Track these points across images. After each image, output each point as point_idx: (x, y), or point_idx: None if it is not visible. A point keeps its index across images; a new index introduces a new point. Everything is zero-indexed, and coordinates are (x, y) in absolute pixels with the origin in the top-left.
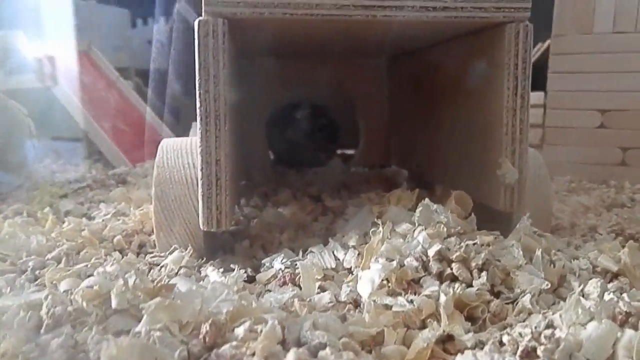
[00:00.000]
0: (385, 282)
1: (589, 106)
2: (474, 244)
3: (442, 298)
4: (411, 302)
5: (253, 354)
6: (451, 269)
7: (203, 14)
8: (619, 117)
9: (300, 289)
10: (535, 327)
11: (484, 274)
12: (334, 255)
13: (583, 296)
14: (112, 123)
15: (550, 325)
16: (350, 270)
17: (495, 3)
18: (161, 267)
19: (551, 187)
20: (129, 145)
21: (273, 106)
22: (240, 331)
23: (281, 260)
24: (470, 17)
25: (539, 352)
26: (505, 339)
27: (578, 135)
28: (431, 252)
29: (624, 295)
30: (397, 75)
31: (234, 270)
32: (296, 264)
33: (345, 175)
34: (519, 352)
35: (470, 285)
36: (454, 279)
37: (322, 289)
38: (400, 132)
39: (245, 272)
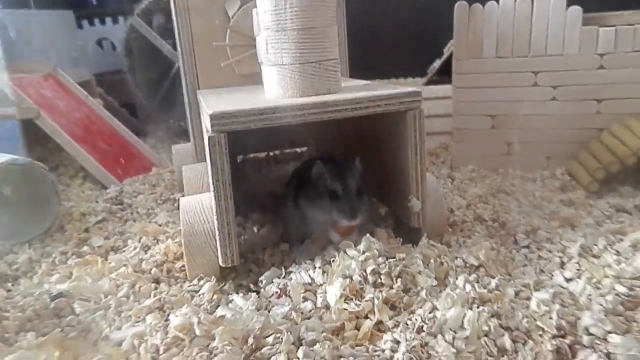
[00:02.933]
0: (343, 292)
1: (482, 113)
2: (394, 261)
3: (376, 301)
4: (358, 305)
5: (280, 352)
6: (381, 279)
7: (210, 131)
8: (503, 120)
9: (291, 299)
10: (424, 312)
11: (399, 279)
12: (309, 274)
13: (456, 287)
14: (94, 144)
15: (434, 309)
16: (319, 285)
17: (399, 99)
18: (199, 294)
19: (444, 202)
20: (113, 163)
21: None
22: (270, 339)
23: (276, 282)
24: (384, 110)
25: (424, 328)
26: (409, 322)
27: (476, 135)
28: (369, 270)
29: (476, 285)
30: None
31: (247, 292)
32: (287, 283)
33: None
34: (415, 329)
35: (392, 288)
36: (382, 285)
37: (305, 299)
38: None
39: (257, 292)
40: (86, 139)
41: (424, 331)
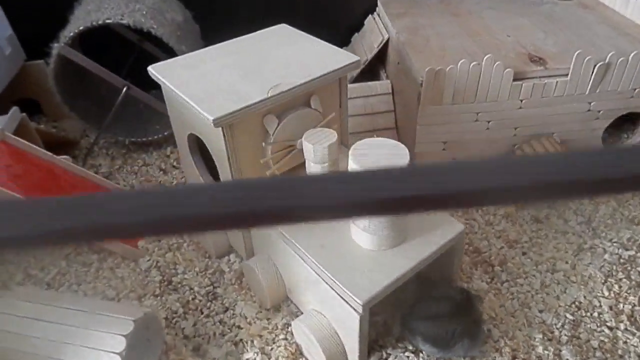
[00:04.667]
0: None
1: (437, 140)
2: None
3: None
4: None
5: None
6: None
7: (361, 312)
8: (452, 144)
9: None
10: None
11: None
12: (406, 356)
13: (491, 340)
14: None
15: None
16: None
17: (452, 242)
18: None
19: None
20: None
21: None
22: None
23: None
24: (443, 250)
25: None
26: None
27: (432, 155)
28: None
29: (505, 339)
30: None
31: None
32: None
33: None
34: None
35: None
36: None
37: None
38: None
39: None
40: None
41: None
